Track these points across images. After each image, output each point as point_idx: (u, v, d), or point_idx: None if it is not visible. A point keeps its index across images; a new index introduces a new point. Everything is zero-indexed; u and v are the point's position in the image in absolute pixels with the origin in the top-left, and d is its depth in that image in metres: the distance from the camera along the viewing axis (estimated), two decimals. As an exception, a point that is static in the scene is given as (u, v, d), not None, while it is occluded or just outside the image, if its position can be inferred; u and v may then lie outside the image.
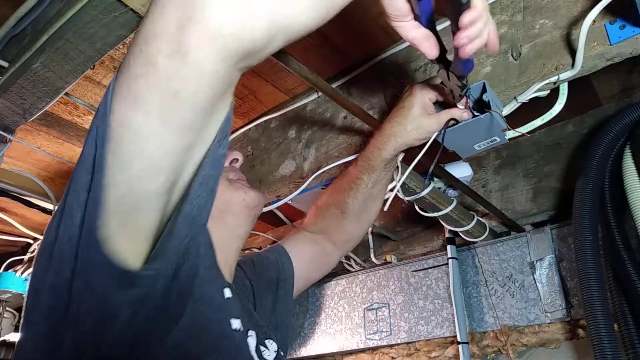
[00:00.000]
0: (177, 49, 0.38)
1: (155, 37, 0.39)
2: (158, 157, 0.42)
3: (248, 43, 0.40)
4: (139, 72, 0.40)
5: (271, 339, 0.72)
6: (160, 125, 0.41)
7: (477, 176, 1.49)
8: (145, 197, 0.43)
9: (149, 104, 0.40)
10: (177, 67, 0.39)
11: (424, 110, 0.83)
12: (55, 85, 0.85)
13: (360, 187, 0.94)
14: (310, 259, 0.96)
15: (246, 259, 0.91)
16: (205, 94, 0.41)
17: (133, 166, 0.42)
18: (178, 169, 0.44)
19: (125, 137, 0.42)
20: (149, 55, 0.39)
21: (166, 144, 0.42)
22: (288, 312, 0.87)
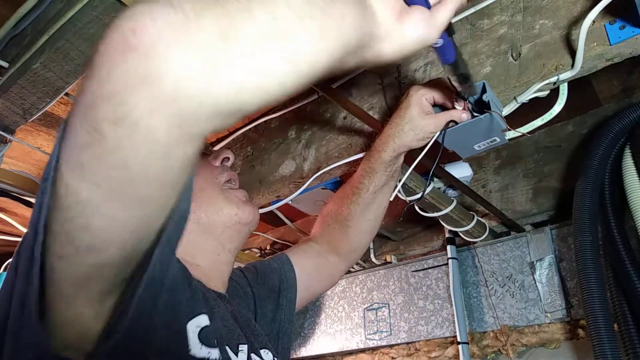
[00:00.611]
0: (125, 114, 0.33)
1: (101, 100, 0.33)
2: (109, 231, 0.38)
3: (210, 107, 0.35)
4: (85, 140, 0.35)
5: (267, 349, 0.70)
6: (110, 197, 0.36)
7: (477, 176, 1.49)
8: (96, 269, 0.40)
9: (97, 176, 0.35)
10: (125, 135, 0.34)
11: (422, 111, 0.83)
12: (55, 86, 0.85)
13: (362, 192, 0.93)
14: (313, 269, 0.94)
15: (249, 266, 0.90)
16: (160, 165, 0.36)
17: (81, 240, 0.38)
18: (133, 240, 0.40)
19: (72, 209, 0.37)
20: (95, 121, 0.34)
21: (118, 219, 0.38)
22: (290, 322, 0.85)
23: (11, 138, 0.98)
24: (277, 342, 0.81)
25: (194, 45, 0.33)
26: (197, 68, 0.33)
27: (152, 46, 0.32)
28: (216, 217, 0.74)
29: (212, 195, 0.75)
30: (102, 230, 0.38)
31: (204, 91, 0.34)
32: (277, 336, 0.81)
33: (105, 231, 0.38)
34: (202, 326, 0.58)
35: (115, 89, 0.33)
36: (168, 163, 0.37)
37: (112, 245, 0.39)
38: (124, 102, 0.33)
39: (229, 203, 0.75)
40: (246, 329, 0.70)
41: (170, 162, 0.37)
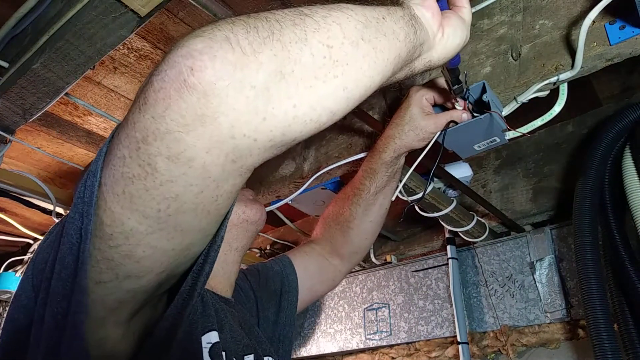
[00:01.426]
0: (181, 152, 0.33)
1: (155, 137, 0.33)
2: (151, 260, 0.38)
3: (264, 142, 0.35)
4: (136, 173, 0.35)
5: (270, 356, 0.71)
6: (157, 229, 0.37)
7: (477, 176, 1.49)
8: (131, 294, 0.40)
9: (146, 207, 0.36)
10: (179, 171, 0.34)
11: (422, 111, 0.83)
12: (55, 86, 0.85)
13: (363, 194, 0.93)
14: (315, 271, 0.95)
15: (252, 268, 0.90)
16: (211, 197, 0.37)
17: (121, 268, 0.38)
18: (172, 267, 0.41)
19: (116, 239, 0.37)
20: (148, 156, 0.34)
21: (161, 247, 0.38)
22: (291, 324, 0.85)
23: (11, 138, 0.98)
24: (278, 345, 0.81)
25: (251, 84, 0.33)
26: (254, 105, 0.33)
27: (210, 86, 0.32)
28: None
29: None
30: (145, 259, 0.38)
31: (260, 127, 0.34)
32: (278, 339, 0.81)
33: (148, 260, 0.38)
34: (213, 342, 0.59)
35: (172, 127, 0.33)
36: (217, 195, 0.37)
37: (150, 273, 0.39)
38: (180, 140, 0.33)
39: (237, 202, 0.76)
40: (250, 335, 0.70)
41: (219, 194, 0.37)
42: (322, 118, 0.37)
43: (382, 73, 0.40)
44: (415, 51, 0.45)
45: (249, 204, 0.77)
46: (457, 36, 0.51)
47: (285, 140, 0.36)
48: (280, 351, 0.80)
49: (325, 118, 0.37)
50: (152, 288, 0.41)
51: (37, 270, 0.44)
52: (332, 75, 0.36)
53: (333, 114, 0.37)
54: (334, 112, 0.37)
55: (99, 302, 0.40)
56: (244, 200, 0.77)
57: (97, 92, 1.19)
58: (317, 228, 1.03)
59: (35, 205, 1.25)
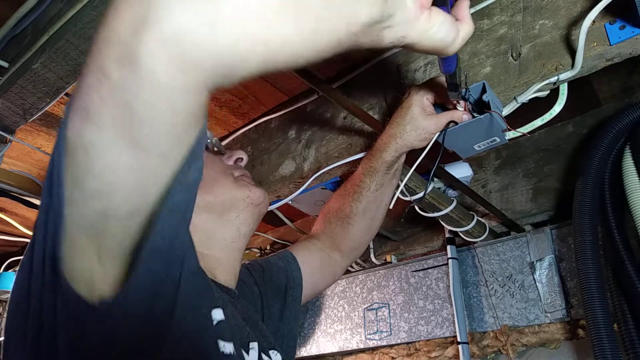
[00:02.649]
0: (127, 54, 0.34)
1: (106, 43, 0.35)
2: (112, 176, 0.39)
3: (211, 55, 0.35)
4: (91, 82, 0.36)
5: (275, 350, 0.70)
6: (114, 142, 0.37)
7: (477, 176, 1.49)
8: (103, 217, 0.40)
9: (102, 118, 0.37)
10: (127, 76, 0.35)
11: (423, 111, 0.83)
12: (55, 86, 0.85)
13: (364, 191, 0.93)
14: (318, 266, 0.95)
15: (255, 263, 0.90)
16: (163, 110, 0.37)
17: (86, 184, 0.39)
18: (138, 193, 0.40)
19: (79, 152, 0.38)
20: (100, 62, 0.35)
21: (121, 164, 0.38)
22: (296, 320, 0.85)
23: (11, 138, 0.98)
24: (283, 340, 0.81)
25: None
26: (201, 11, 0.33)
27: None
28: (230, 203, 0.75)
29: (225, 184, 0.77)
30: (106, 174, 0.39)
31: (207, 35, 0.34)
32: (283, 335, 0.81)
33: (110, 175, 0.39)
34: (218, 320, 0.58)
35: (119, 30, 0.35)
36: (171, 109, 0.37)
37: (118, 192, 0.40)
38: (127, 43, 0.34)
39: (240, 187, 0.77)
40: (255, 329, 0.70)
41: (173, 109, 0.37)
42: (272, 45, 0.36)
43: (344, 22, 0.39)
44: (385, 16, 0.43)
45: (252, 188, 0.78)
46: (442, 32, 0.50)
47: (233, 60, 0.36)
48: (284, 347, 0.80)
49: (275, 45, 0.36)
50: (124, 216, 0.41)
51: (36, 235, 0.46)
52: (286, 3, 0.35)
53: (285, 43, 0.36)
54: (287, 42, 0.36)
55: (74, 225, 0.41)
56: (247, 185, 0.78)
57: (97, 92, 1.19)
58: (316, 223, 1.03)
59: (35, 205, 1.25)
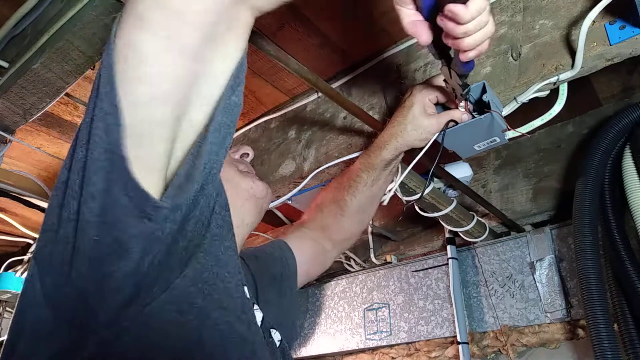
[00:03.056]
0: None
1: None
2: (163, 82, 0.42)
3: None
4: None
5: (275, 329, 0.71)
6: (166, 47, 0.41)
7: (477, 176, 1.49)
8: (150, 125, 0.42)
9: (154, 23, 0.40)
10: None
11: (424, 110, 0.83)
12: (55, 86, 0.85)
13: (360, 185, 0.94)
14: (311, 255, 0.96)
15: (249, 253, 0.91)
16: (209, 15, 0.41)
17: (138, 90, 0.41)
18: (184, 101, 0.44)
19: (131, 58, 0.41)
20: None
21: (170, 69, 0.42)
22: (293, 308, 0.87)
23: (11, 138, 0.98)
24: (282, 328, 0.81)
25: None
26: None
27: None
28: (235, 191, 0.76)
29: (229, 172, 0.79)
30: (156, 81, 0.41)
31: None
32: (281, 323, 0.82)
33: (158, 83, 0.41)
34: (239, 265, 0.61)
35: None
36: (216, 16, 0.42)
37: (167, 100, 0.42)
38: None
39: (244, 178, 0.79)
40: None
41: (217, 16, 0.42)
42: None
43: None
44: None
45: (256, 181, 0.80)
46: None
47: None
48: (285, 334, 0.81)
49: None
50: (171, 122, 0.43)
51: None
52: None
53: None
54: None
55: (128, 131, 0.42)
56: (251, 177, 0.80)
57: (97, 92, 1.18)
58: (307, 212, 1.04)
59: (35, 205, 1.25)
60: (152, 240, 0.42)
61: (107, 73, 0.41)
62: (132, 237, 0.41)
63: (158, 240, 0.42)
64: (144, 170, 0.42)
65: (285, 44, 1.06)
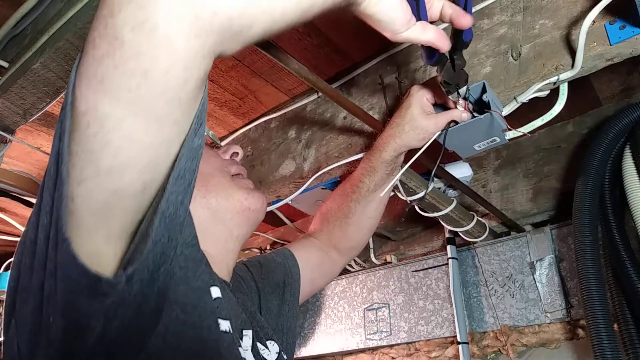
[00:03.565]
0: (144, 19, 0.34)
1: (120, 7, 0.34)
2: (128, 151, 0.38)
3: (223, 19, 0.36)
4: (105, 51, 0.35)
5: (273, 341, 0.70)
6: (130, 113, 0.37)
7: (477, 176, 1.49)
8: (116, 196, 0.39)
9: (117, 87, 0.36)
10: (145, 41, 0.34)
11: (422, 111, 0.83)
12: (55, 86, 0.85)
13: (362, 191, 0.93)
14: (316, 264, 0.95)
15: (253, 260, 0.90)
16: (179, 75, 0.37)
17: (101, 160, 0.38)
18: (152, 165, 0.40)
19: (92, 126, 0.37)
20: (114, 28, 0.35)
21: (137, 137, 0.38)
22: (294, 317, 0.85)
23: (11, 138, 0.98)
24: (282, 337, 0.81)
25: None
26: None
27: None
28: (226, 203, 0.73)
29: (222, 181, 0.75)
30: (122, 149, 0.38)
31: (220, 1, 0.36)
32: (282, 331, 0.81)
33: (125, 151, 0.38)
34: (215, 297, 0.58)
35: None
36: (185, 77, 0.37)
37: (131, 169, 0.39)
38: (142, 6, 0.34)
39: (238, 189, 0.75)
40: (251, 318, 0.70)
41: (188, 76, 0.37)
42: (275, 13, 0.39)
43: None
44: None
45: (251, 193, 0.76)
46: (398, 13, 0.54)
47: (242, 23, 0.38)
48: (284, 343, 0.80)
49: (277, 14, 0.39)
50: (138, 192, 0.40)
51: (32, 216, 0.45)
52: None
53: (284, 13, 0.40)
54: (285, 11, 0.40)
55: (85, 207, 0.39)
56: (246, 189, 0.77)
57: (97, 92, 1.19)
58: (314, 222, 1.04)
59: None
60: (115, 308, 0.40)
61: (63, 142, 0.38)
62: (91, 315, 0.39)
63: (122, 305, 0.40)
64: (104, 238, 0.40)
65: (285, 44, 1.06)
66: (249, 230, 0.78)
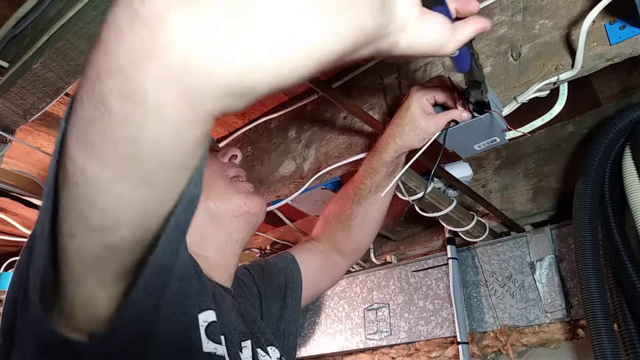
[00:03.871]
0: (132, 89, 0.31)
1: (107, 74, 0.32)
2: (119, 210, 0.36)
3: (219, 85, 0.32)
4: (92, 115, 0.33)
5: (274, 346, 0.70)
6: (120, 176, 0.35)
7: (477, 176, 1.49)
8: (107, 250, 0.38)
9: (105, 153, 0.34)
10: (133, 111, 0.32)
11: (422, 111, 0.83)
12: (55, 86, 0.85)
13: (364, 192, 0.93)
14: (318, 268, 0.95)
15: (255, 264, 0.90)
16: (170, 144, 0.34)
17: (90, 219, 0.36)
18: (144, 222, 0.39)
19: (80, 187, 0.36)
20: (101, 95, 0.32)
21: (128, 197, 0.36)
22: (295, 321, 0.85)
23: (11, 138, 0.98)
24: (283, 341, 0.81)
25: (203, 18, 0.31)
26: (207, 42, 0.31)
27: (160, 17, 0.30)
28: (225, 207, 0.73)
29: (221, 185, 0.75)
30: (111, 210, 0.36)
31: (214, 67, 0.32)
32: (283, 335, 0.81)
33: (114, 211, 0.36)
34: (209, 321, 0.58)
35: (122, 61, 0.31)
36: (178, 143, 0.35)
37: (122, 227, 0.37)
38: (130, 76, 0.31)
39: (237, 192, 0.75)
40: (252, 325, 0.70)
41: (180, 143, 0.35)
42: (283, 70, 0.34)
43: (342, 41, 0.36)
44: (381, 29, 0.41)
45: (250, 196, 0.76)
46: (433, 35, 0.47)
47: (242, 87, 0.33)
48: (285, 347, 0.80)
49: (285, 70, 0.34)
50: (129, 246, 0.39)
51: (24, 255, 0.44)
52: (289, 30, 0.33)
53: (294, 68, 0.34)
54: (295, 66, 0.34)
55: (76, 258, 0.38)
56: (245, 192, 0.77)
57: (97, 92, 1.19)
58: (317, 226, 1.03)
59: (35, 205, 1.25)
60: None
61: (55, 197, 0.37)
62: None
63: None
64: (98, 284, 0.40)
65: (285, 44, 1.06)
66: (249, 233, 0.78)
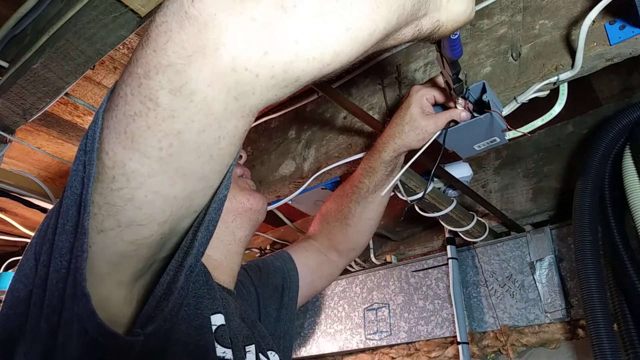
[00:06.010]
0: (182, 84, 0.33)
1: (157, 70, 0.33)
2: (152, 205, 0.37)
3: (266, 79, 0.34)
4: (137, 110, 0.35)
5: (273, 351, 0.71)
6: (159, 170, 0.36)
7: (477, 176, 1.49)
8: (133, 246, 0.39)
9: (148, 146, 0.35)
10: (181, 105, 0.34)
11: (422, 111, 0.83)
12: (55, 86, 0.85)
13: (362, 192, 0.93)
14: (315, 267, 0.95)
15: (252, 264, 0.90)
16: (213, 138, 0.36)
17: (123, 213, 0.37)
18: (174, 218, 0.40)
19: (118, 181, 0.37)
20: (150, 90, 0.34)
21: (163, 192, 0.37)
22: (292, 320, 0.86)
23: (11, 138, 0.98)
24: (279, 341, 0.81)
25: (251, 16, 0.33)
26: (255, 38, 0.33)
27: (210, 17, 0.32)
28: (229, 204, 0.74)
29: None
30: (146, 204, 0.37)
31: (261, 61, 0.33)
32: (280, 335, 0.82)
33: (148, 205, 0.37)
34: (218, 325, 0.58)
35: (173, 59, 0.33)
36: (221, 136, 0.36)
37: (153, 222, 0.38)
38: (182, 72, 0.33)
39: (241, 190, 0.77)
40: (253, 329, 0.70)
41: (222, 135, 0.36)
42: (326, 57, 0.36)
43: (385, 19, 0.38)
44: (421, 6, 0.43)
45: (252, 193, 0.78)
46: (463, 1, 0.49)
47: (288, 78, 0.35)
48: (281, 347, 0.80)
49: (328, 58, 0.36)
50: (155, 243, 0.40)
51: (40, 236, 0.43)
52: (335, 14, 0.35)
53: (337, 54, 0.36)
54: (338, 52, 0.36)
55: (101, 255, 0.39)
56: (247, 190, 0.78)
57: (97, 92, 1.19)
58: (314, 224, 1.03)
59: (35, 205, 1.25)
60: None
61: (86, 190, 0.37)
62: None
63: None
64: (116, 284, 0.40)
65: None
66: (251, 231, 0.79)
